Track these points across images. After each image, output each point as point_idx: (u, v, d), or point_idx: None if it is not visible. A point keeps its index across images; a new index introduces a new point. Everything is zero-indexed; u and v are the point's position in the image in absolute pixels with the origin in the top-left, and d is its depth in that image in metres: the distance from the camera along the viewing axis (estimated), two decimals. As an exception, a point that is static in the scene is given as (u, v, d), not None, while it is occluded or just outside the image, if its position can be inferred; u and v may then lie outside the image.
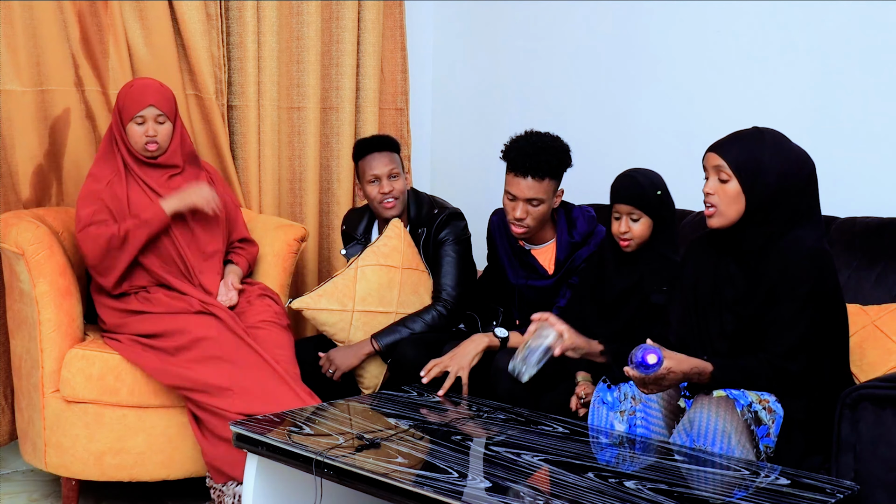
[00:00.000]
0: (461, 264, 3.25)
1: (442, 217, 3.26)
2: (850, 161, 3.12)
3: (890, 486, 2.13)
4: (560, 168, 2.98)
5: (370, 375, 3.13)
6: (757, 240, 2.39)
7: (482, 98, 4.19)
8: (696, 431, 2.29)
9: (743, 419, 2.28)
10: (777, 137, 2.41)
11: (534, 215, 2.97)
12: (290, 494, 2.55)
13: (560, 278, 3.05)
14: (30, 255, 3.00)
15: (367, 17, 4.00)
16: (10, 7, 3.32)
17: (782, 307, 2.34)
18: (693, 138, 3.43)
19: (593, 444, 2.41)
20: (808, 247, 2.35)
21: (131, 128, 3.09)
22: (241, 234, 3.35)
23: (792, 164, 2.38)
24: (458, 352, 2.90)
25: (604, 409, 2.51)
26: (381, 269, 3.19)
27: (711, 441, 2.26)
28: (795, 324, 2.33)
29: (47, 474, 3.35)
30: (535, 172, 2.91)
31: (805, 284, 2.33)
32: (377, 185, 3.24)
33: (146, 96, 3.10)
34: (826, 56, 3.17)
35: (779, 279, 2.35)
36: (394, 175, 3.24)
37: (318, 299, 3.15)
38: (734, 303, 2.43)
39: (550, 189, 2.97)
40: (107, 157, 3.15)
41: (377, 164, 3.24)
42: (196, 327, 2.96)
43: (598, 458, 2.33)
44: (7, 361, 3.38)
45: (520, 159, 2.93)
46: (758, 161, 2.35)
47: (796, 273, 2.33)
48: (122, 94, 3.15)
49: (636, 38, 3.66)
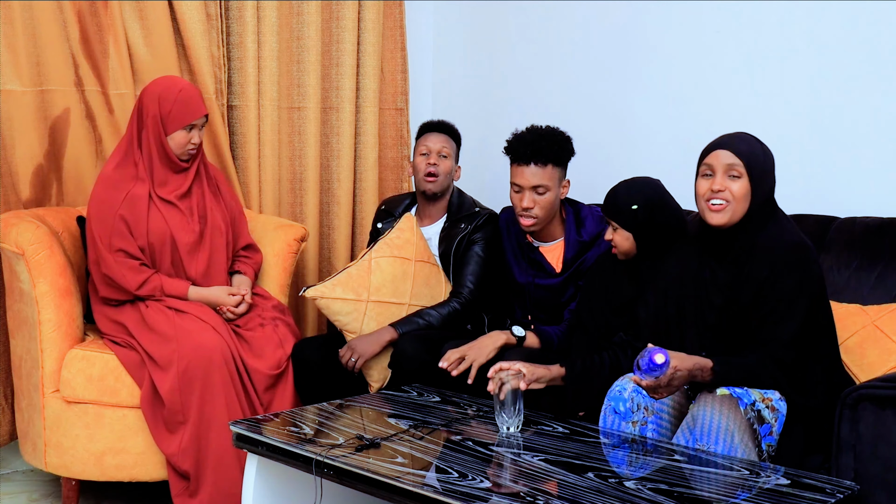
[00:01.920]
0: (486, 266, 3.27)
1: (483, 217, 3.30)
2: (850, 161, 3.12)
3: (890, 486, 2.13)
4: (562, 154, 2.99)
5: (379, 368, 3.13)
6: (749, 238, 2.42)
7: (482, 98, 4.19)
8: (700, 429, 2.29)
9: (746, 418, 2.28)
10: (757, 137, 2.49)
11: (541, 204, 2.97)
12: (290, 494, 2.55)
13: (568, 278, 3.05)
14: (30, 255, 3.00)
15: (367, 17, 4.00)
16: (10, 7, 3.32)
17: (774, 302, 2.36)
18: (692, 139, 3.43)
19: (593, 445, 2.41)
20: (789, 240, 2.39)
21: (179, 134, 3.06)
22: (246, 241, 3.34)
23: (772, 161, 2.47)
24: (476, 345, 2.91)
25: (616, 419, 2.49)
26: (395, 260, 3.20)
27: (714, 439, 2.27)
28: (791, 316, 2.34)
29: (47, 474, 3.35)
30: (536, 158, 2.94)
31: (793, 276, 2.35)
32: (426, 157, 3.33)
33: (199, 105, 3.10)
34: (826, 56, 3.17)
35: (767, 275, 2.37)
36: (444, 154, 3.34)
37: (332, 288, 3.15)
38: (720, 304, 2.45)
39: (555, 176, 2.98)
40: (125, 160, 3.10)
41: (433, 140, 3.36)
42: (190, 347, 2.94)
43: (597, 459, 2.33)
44: (7, 361, 3.38)
45: (521, 148, 2.97)
46: (762, 160, 2.41)
47: (783, 268, 2.36)
48: (166, 99, 3.05)
49: (636, 39, 3.66)
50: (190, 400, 2.90)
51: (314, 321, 3.98)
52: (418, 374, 2.96)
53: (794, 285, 2.35)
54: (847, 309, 2.76)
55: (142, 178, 3.07)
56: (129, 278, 3.02)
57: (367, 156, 4.08)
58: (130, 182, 3.07)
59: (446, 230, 3.33)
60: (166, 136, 3.07)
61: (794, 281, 2.35)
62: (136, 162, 3.09)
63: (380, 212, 3.51)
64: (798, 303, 2.35)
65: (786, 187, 3.19)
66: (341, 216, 4.03)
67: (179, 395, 2.89)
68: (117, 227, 3.02)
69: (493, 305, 3.30)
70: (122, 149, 3.13)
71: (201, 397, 2.90)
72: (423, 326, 3.12)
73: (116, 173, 3.08)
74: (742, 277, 2.42)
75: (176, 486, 2.93)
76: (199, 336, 2.95)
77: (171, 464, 2.93)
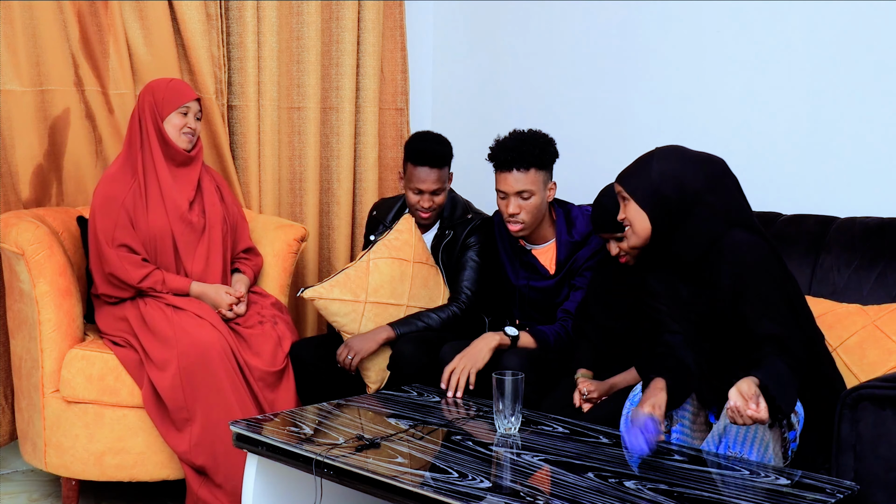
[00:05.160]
0: (483, 270, 3.26)
1: (475, 223, 3.28)
2: (850, 161, 3.12)
3: (890, 486, 2.13)
4: (544, 157, 2.97)
5: (377, 369, 3.13)
6: (689, 248, 2.38)
7: (482, 98, 4.19)
8: (734, 437, 2.27)
9: (780, 429, 2.27)
10: (668, 151, 2.44)
11: (527, 209, 2.97)
12: (290, 494, 2.55)
13: (562, 279, 3.05)
14: (30, 255, 3.00)
15: (367, 17, 4.01)
16: (10, 7, 3.32)
17: (748, 301, 2.30)
18: (692, 139, 3.43)
19: (593, 445, 2.41)
20: (740, 241, 2.33)
21: (174, 117, 3.13)
22: (246, 244, 3.35)
23: (688, 168, 2.38)
24: (469, 351, 2.90)
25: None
26: (393, 261, 3.20)
27: (749, 449, 2.25)
28: (767, 308, 2.29)
29: (47, 474, 3.35)
30: (518, 164, 2.93)
31: (753, 271, 2.30)
32: (419, 196, 3.24)
33: (190, 91, 3.19)
34: (825, 56, 3.17)
35: (729, 279, 2.32)
36: (437, 191, 3.24)
37: (330, 289, 3.15)
38: (701, 321, 2.41)
39: (539, 180, 2.97)
40: (127, 163, 3.14)
41: (425, 179, 3.21)
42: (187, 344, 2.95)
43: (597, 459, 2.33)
44: (7, 361, 3.38)
45: (501, 154, 2.96)
46: (649, 177, 2.39)
47: (740, 267, 2.30)
48: (158, 89, 3.15)
49: (635, 39, 3.66)
50: (193, 396, 2.90)
51: (314, 322, 3.98)
52: (417, 377, 2.96)
53: (758, 279, 2.29)
54: (847, 309, 2.76)
55: (145, 175, 3.11)
56: (131, 273, 3.03)
57: (367, 156, 4.08)
58: (133, 179, 3.11)
59: (440, 238, 3.32)
60: (162, 121, 3.12)
61: (756, 276, 2.30)
62: (137, 163, 3.12)
63: (371, 219, 3.48)
64: (772, 295, 2.29)
65: (786, 187, 3.21)
66: (341, 216, 4.04)
67: (182, 392, 2.90)
68: (121, 221, 3.05)
69: (493, 308, 3.30)
70: (124, 153, 3.17)
71: (206, 392, 2.91)
72: (422, 328, 3.12)
73: (120, 172, 3.13)
74: (705, 288, 2.37)
75: (194, 480, 2.93)
76: (197, 333, 2.95)
77: (184, 461, 2.93)
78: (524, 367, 2.64)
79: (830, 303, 2.80)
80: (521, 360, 2.79)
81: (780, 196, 3.19)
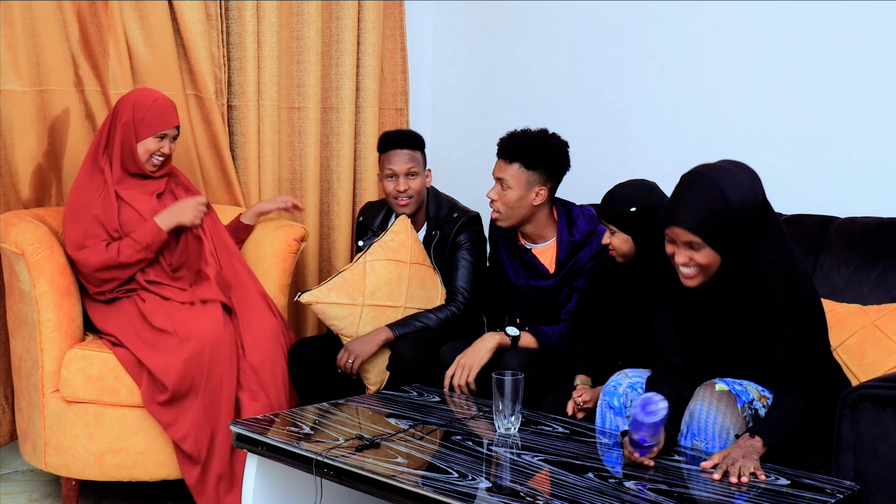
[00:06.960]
0: (476, 268, 3.26)
1: (462, 221, 3.28)
2: (850, 161, 3.12)
3: (890, 486, 2.13)
4: (533, 156, 2.96)
5: (377, 370, 3.13)
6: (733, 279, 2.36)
7: (482, 98, 4.19)
8: (696, 425, 2.29)
9: (743, 416, 2.28)
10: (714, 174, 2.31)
11: (502, 199, 2.99)
12: (290, 494, 2.55)
13: (562, 278, 3.05)
14: (30, 255, 3.00)
15: (367, 17, 4.00)
16: (10, 7, 3.32)
17: (781, 332, 2.31)
18: (692, 139, 3.44)
19: (593, 445, 2.41)
20: (775, 266, 2.31)
21: (150, 141, 3.10)
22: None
23: (737, 194, 2.29)
24: (469, 352, 2.90)
25: (610, 414, 2.50)
26: (389, 263, 3.20)
27: (711, 436, 2.27)
28: (799, 345, 2.30)
29: (47, 474, 3.35)
30: (504, 154, 2.99)
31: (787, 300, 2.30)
32: (394, 181, 3.26)
33: (172, 116, 3.15)
34: (826, 56, 3.17)
35: (765, 306, 2.32)
36: (412, 174, 3.25)
37: (327, 293, 3.15)
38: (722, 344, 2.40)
39: (521, 177, 2.97)
40: (93, 166, 3.14)
41: (396, 160, 3.25)
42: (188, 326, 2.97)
43: (597, 459, 2.33)
44: (7, 361, 3.38)
45: (499, 142, 3.03)
46: (721, 214, 2.27)
47: (776, 296, 2.30)
48: (141, 106, 3.11)
49: (636, 39, 3.65)
50: (198, 381, 2.91)
51: (314, 322, 3.98)
52: (416, 377, 2.96)
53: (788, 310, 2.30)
54: (847, 309, 2.76)
55: (108, 182, 3.11)
56: (103, 257, 3.03)
57: (367, 156, 4.07)
58: (101, 186, 3.11)
59: (429, 239, 3.32)
60: (137, 142, 3.10)
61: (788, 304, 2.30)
62: (103, 167, 3.12)
63: (359, 226, 3.48)
64: (804, 330, 2.30)
65: (786, 187, 3.21)
66: (341, 216, 4.03)
67: (191, 378, 2.90)
68: (91, 229, 3.05)
69: (491, 306, 3.30)
70: (91, 156, 3.17)
71: (207, 378, 2.91)
72: (420, 329, 3.12)
73: (89, 180, 3.13)
74: (738, 314, 2.37)
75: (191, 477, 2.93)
76: (198, 322, 2.97)
77: (183, 451, 2.92)
78: (524, 367, 2.64)
79: (830, 303, 2.79)
80: (522, 360, 2.79)
81: (780, 196, 3.19)
